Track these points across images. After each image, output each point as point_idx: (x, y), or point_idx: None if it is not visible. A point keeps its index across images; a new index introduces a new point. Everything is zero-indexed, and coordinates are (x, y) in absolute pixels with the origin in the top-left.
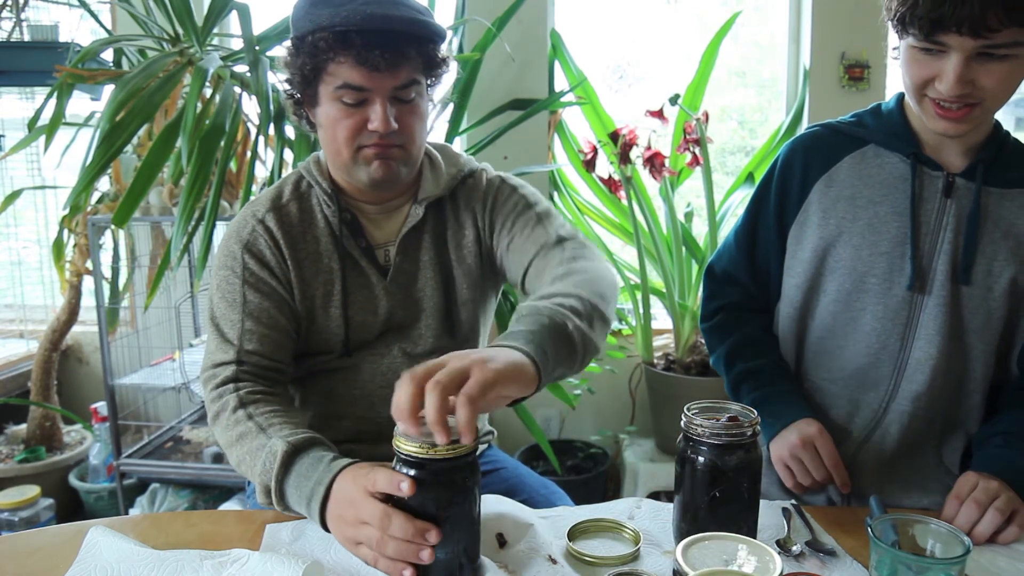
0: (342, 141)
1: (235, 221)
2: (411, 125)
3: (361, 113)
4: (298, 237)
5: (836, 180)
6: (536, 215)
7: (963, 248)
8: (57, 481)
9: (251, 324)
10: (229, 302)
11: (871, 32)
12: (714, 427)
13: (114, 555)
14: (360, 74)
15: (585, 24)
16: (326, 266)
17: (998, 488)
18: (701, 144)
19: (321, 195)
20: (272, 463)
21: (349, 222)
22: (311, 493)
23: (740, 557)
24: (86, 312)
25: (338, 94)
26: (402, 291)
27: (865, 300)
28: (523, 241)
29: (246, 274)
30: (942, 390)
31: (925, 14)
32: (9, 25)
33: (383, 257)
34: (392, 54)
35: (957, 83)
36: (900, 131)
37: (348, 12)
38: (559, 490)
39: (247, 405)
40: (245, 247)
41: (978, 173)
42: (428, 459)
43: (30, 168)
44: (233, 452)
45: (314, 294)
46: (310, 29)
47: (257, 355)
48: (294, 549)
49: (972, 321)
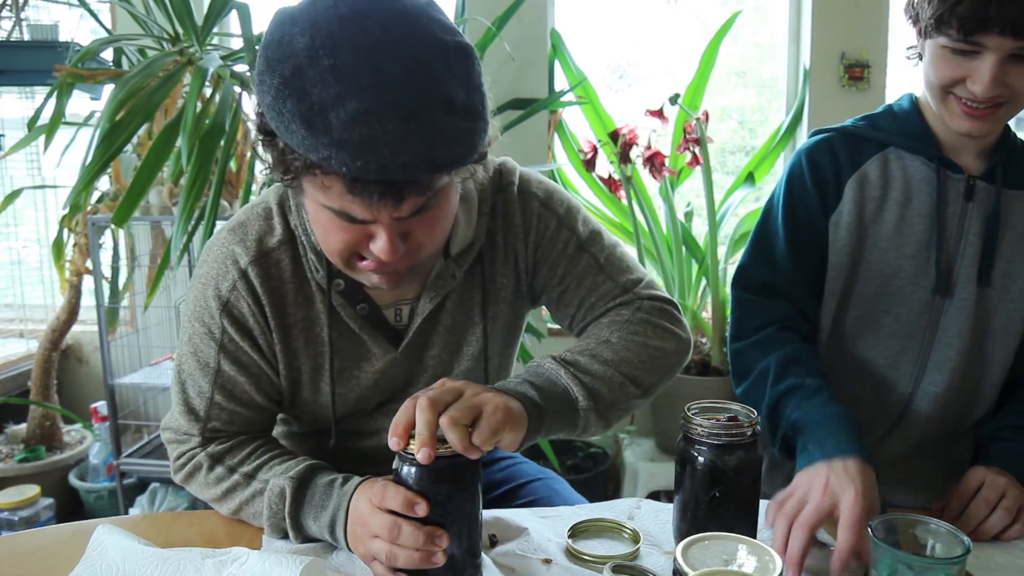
0: (334, 251)
1: (213, 254)
2: (430, 235)
3: (361, 229)
4: (287, 299)
5: (868, 180)
6: (592, 258)
7: (985, 251)
8: (57, 481)
9: (221, 398)
10: (201, 364)
11: (871, 32)
12: (714, 427)
13: (120, 553)
14: (357, 206)
15: (585, 24)
16: (317, 336)
17: (1006, 484)
18: (701, 144)
19: (309, 253)
20: (281, 504)
21: (343, 289)
22: (332, 521)
23: (740, 557)
24: (86, 312)
25: (328, 211)
26: (411, 359)
27: (888, 302)
28: (580, 291)
29: (224, 339)
30: (959, 392)
31: (970, 14)
32: (9, 25)
33: (394, 317)
34: (398, 191)
35: (992, 83)
36: (920, 133)
37: (330, 151)
38: (568, 487)
39: (222, 459)
40: (224, 308)
41: (997, 175)
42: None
43: (30, 168)
44: (223, 506)
45: (300, 367)
46: (279, 134)
47: (225, 433)
48: (294, 549)
49: (993, 324)
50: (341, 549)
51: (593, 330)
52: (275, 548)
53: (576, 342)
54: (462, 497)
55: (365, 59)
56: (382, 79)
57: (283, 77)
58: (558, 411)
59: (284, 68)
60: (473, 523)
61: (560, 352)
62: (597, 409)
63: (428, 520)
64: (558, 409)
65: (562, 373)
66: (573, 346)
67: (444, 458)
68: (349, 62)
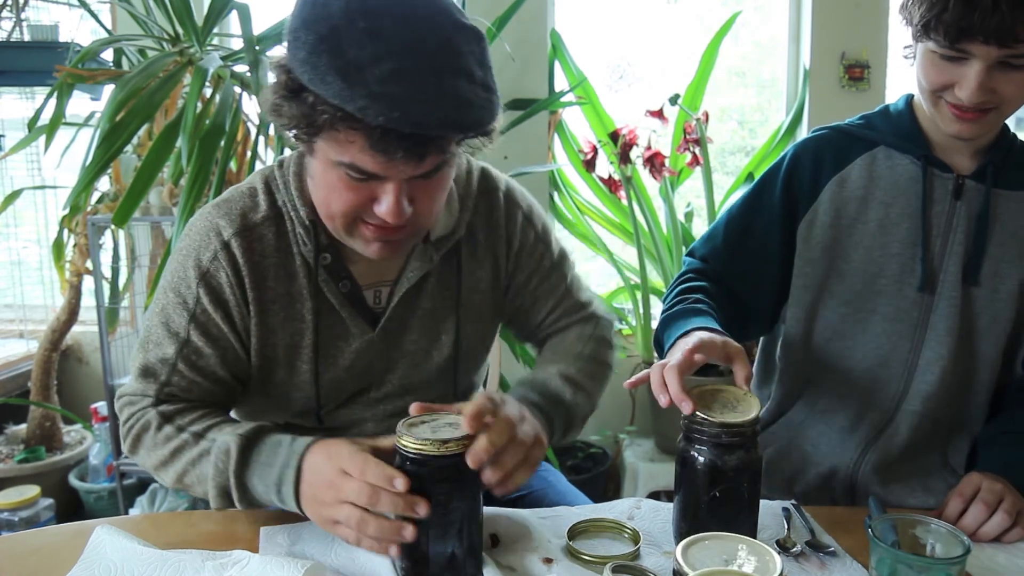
0: (336, 212)
1: (196, 227)
2: (430, 203)
3: (368, 189)
4: (267, 274)
5: (848, 181)
6: (561, 277)
7: (972, 250)
8: (57, 481)
9: (184, 367)
10: (170, 333)
11: (871, 32)
12: (714, 427)
13: (118, 554)
14: (374, 162)
15: (585, 24)
16: (297, 313)
17: (1003, 490)
18: (701, 144)
19: (297, 228)
20: (226, 461)
21: (329, 264)
22: (279, 478)
23: (740, 557)
24: (86, 312)
25: (341, 168)
26: (388, 342)
27: (876, 301)
28: (549, 302)
29: (197, 309)
30: (951, 390)
31: (953, 21)
32: (9, 25)
33: (372, 299)
34: (418, 152)
35: (978, 90)
36: (910, 133)
37: (367, 102)
38: (575, 490)
39: (172, 419)
40: (202, 278)
41: (988, 175)
42: (433, 456)
43: (30, 168)
44: (169, 471)
45: (276, 344)
46: (311, 90)
47: (180, 399)
48: (293, 552)
49: (981, 322)
50: (341, 552)
51: (563, 345)
52: (274, 551)
53: (563, 356)
54: (463, 496)
55: (401, 25)
56: (415, 45)
57: (319, 35)
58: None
59: (320, 27)
60: (474, 522)
61: (569, 371)
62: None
63: (428, 520)
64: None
65: (567, 394)
66: (574, 368)
67: (445, 458)
68: (386, 27)
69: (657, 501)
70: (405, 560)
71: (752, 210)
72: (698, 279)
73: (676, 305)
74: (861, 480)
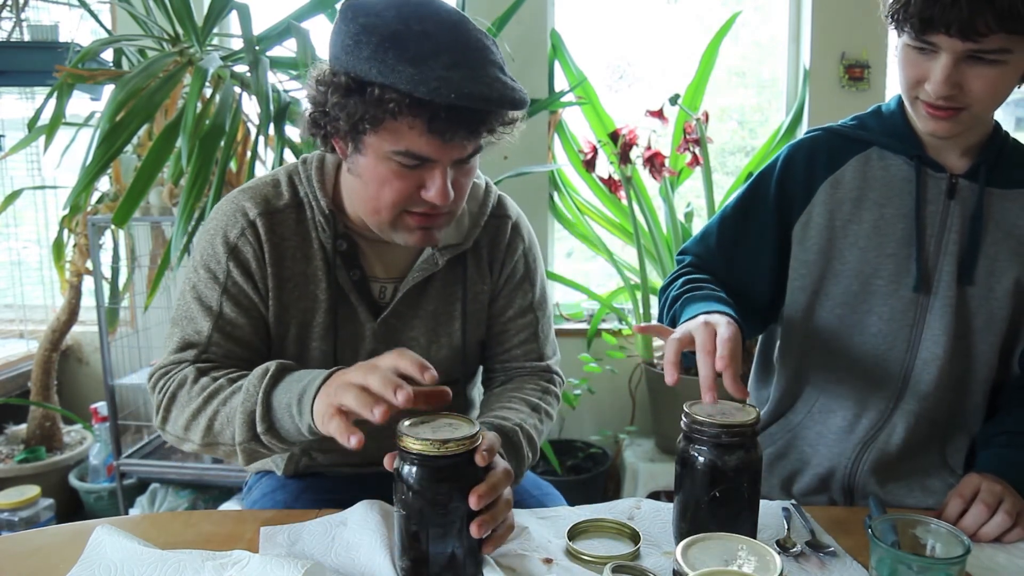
0: (386, 204)
1: (223, 209)
2: (464, 187)
3: (416, 177)
4: (286, 254)
5: (842, 182)
6: (535, 320)
7: (966, 249)
8: (57, 481)
9: (219, 337)
10: (204, 308)
11: (871, 32)
12: (714, 427)
13: (118, 554)
14: (429, 145)
15: (585, 24)
16: (310, 293)
17: (1003, 490)
18: (701, 144)
19: (317, 216)
20: (260, 380)
21: (345, 251)
22: (303, 391)
23: (740, 557)
24: (86, 312)
25: (396, 157)
26: (389, 336)
27: (871, 302)
28: (515, 338)
29: (228, 282)
30: (948, 390)
31: (916, 13)
32: (9, 25)
33: (378, 292)
34: (472, 130)
35: (944, 83)
36: (902, 133)
37: (438, 83)
38: (554, 491)
39: (208, 372)
40: (231, 253)
41: (980, 174)
42: (434, 456)
43: (30, 168)
44: (200, 420)
45: (289, 321)
46: (380, 82)
47: (218, 363)
48: (293, 552)
49: (976, 321)
50: (341, 552)
51: (521, 394)
52: (273, 551)
53: (520, 405)
54: (463, 496)
55: (449, 29)
56: (460, 43)
57: (381, 36)
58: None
59: (381, 31)
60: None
61: (528, 422)
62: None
63: (428, 520)
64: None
65: (524, 448)
66: (532, 418)
67: (445, 458)
68: (435, 30)
69: (657, 501)
70: (405, 560)
71: (746, 211)
72: (697, 273)
73: (692, 290)
74: (859, 480)
